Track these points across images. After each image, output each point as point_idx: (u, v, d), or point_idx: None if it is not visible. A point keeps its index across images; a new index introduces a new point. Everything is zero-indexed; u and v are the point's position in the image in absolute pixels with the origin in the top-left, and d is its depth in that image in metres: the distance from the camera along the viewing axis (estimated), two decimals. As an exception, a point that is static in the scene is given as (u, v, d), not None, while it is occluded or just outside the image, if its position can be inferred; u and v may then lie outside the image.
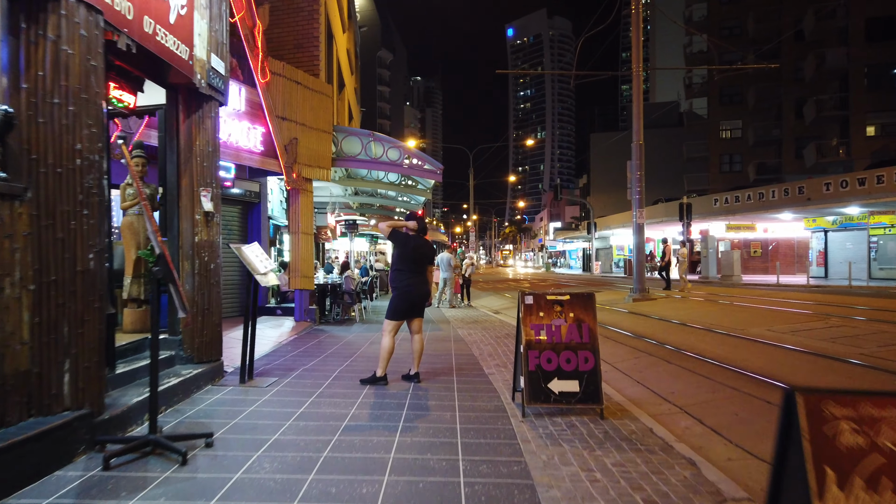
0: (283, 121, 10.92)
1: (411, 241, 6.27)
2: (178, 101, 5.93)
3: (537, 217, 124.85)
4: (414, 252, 6.25)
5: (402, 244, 6.25)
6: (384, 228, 6.31)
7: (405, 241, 6.26)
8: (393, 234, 6.26)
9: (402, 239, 6.26)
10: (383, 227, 6.32)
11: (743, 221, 35.12)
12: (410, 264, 6.24)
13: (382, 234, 6.42)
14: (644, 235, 17.71)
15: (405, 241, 6.26)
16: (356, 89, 26.33)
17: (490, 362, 7.69)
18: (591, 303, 5.37)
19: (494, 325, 12.28)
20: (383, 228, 6.31)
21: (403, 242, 6.25)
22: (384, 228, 6.31)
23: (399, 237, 6.26)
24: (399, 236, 6.27)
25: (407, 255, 6.23)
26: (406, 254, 6.23)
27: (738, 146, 48.96)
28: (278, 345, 9.01)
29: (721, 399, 5.97)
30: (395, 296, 6.23)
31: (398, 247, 6.29)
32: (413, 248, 6.25)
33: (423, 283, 6.33)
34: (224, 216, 11.79)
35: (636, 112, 17.37)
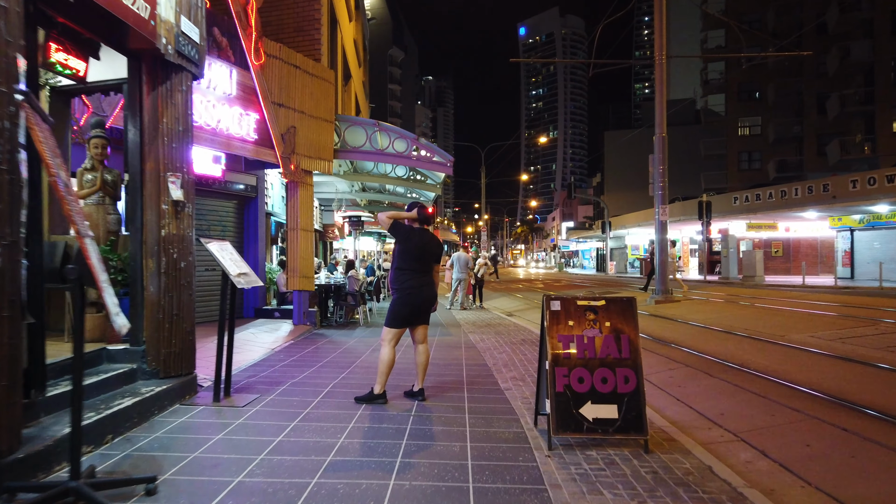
0: (279, 107, 10.06)
1: (415, 236, 5.37)
2: (140, 72, 5.06)
3: (549, 217, 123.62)
4: (418, 249, 5.35)
5: (405, 239, 5.36)
6: (384, 220, 5.42)
7: (408, 236, 5.36)
8: (394, 226, 5.36)
9: (405, 233, 5.37)
10: (383, 218, 5.43)
11: (764, 220, 33.96)
12: (414, 263, 5.34)
13: (383, 227, 5.52)
14: (667, 233, 16.70)
15: (408, 235, 5.36)
16: (364, 83, 25.49)
17: (506, 374, 6.77)
18: (631, 309, 4.44)
19: (508, 329, 11.35)
20: (383, 220, 5.42)
21: (406, 237, 5.36)
22: (384, 220, 5.42)
23: (401, 231, 5.36)
24: (401, 230, 5.37)
25: (410, 251, 5.33)
26: (409, 250, 5.34)
27: (758, 143, 47.64)
28: (271, 352, 8.14)
29: (783, 424, 5.01)
30: (396, 299, 5.33)
31: (400, 242, 5.39)
32: (417, 245, 5.35)
33: (429, 284, 5.43)
34: (217, 211, 10.96)
35: (659, 102, 16.37)
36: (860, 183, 25.47)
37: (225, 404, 5.09)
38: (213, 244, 5.21)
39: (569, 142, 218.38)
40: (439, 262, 5.65)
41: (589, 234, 59.89)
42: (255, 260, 11.84)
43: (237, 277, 5.13)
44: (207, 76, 8.56)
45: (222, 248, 5.27)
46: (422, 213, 5.48)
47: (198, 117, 8.41)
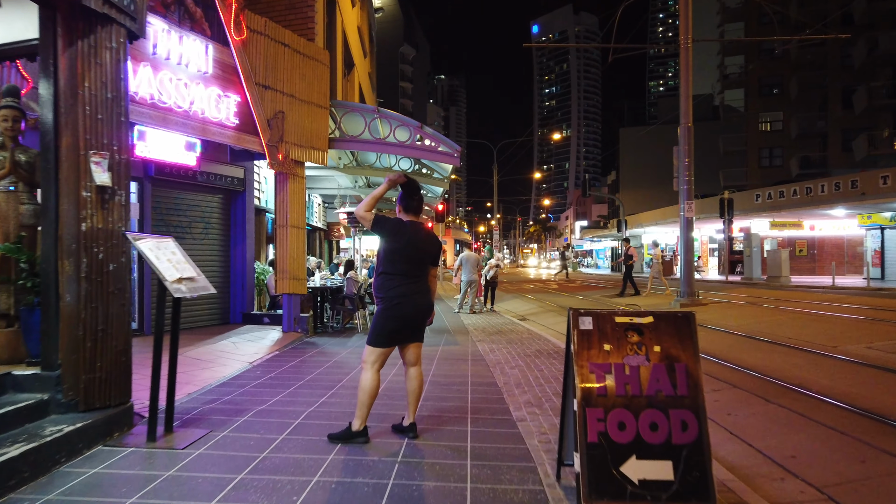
0: (265, 90, 8.99)
1: (406, 231, 4.25)
2: (55, 23, 3.99)
3: (562, 216, 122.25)
4: (410, 247, 4.23)
5: (392, 234, 4.23)
6: (362, 213, 4.27)
7: (396, 231, 4.23)
8: (379, 220, 4.24)
9: (393, 228, 4.24)
10: (361, 213, 4.29)
11: (789, 218, 32.56)
12: (404, 265, 4.22)
13: (363, 223, 4.39)
14: (693, 231, 15.49)
15: (396, 230, 4.24)
16: (370, 75, 24.42)
17: (519, 397, 5.64)
18: (688, 328, 3.31)
19: (522, 336, 10.22)
20: (361, 214, 4.28)
21: (394, 233, 4.23)
22: (362, 213, 4.27)
23: (387, 225, 4.24)
24: (387, 224, 4.25)
25: (399, 251, 4.21)
26: (398, 250, 4.21)
27: (779, 139, 46.08)
28: (248, 366, 7.07)
29: (884, 476, 3.86)
30: (382, 311, 4.23)
31: (386, 239, 4.27)
32: (409, 242, 4.24)
33: (423, 292, 4.32)
34: (199, 207, 9.94)
35: (684, 90, 15.15)
36: (892, 178, 24.08)
37: (161, 445, 4.00)
38: (145, 241, 4.13)
39: (582, 140, 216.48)
40: (437, 264, 4.54)
41: (604, 233, 58.54)
42: (242, 260, 10.80)
43: (176, 284, 4.04)
44: (178, 51, 7.52)
45: (159, 247, 4.19)
46: (408, 196, 4.36)
47: (167, 97, 7.37)
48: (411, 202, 4.35)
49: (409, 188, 4.35)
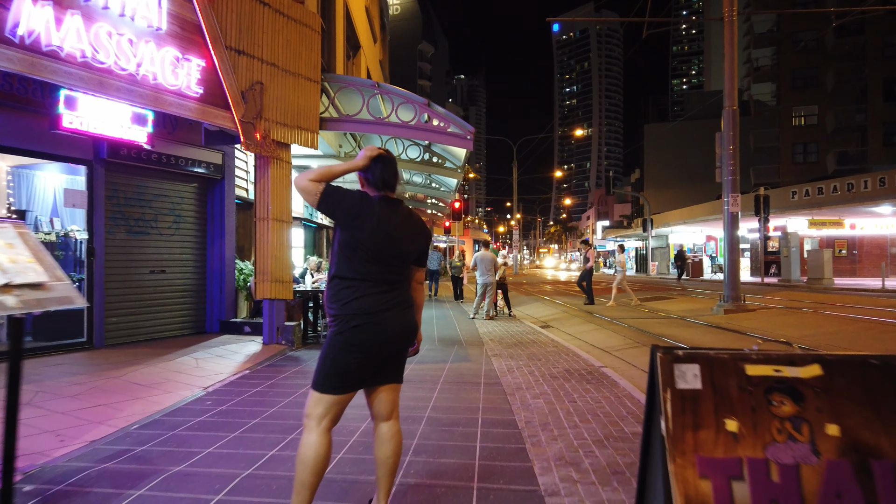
0: (238, 55, 7.51)
1: (373, 212, 2.68)
2: None
3: (583, 216, 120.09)
4: (379, 237, 2.67)
5: (351, 216, 2.66)
6: (303, 182, 2.67)
7: (358, 211, 2.66)
8: (330, 193, 2.67)
9: (352, 205, 2.66)
10: (303, 180, 2.67)
11: (829, 216, 30.53)
12: (370, 265, 2.67)
13: (307, 199, 2.76)
14: (738, 227, 13.77)
15: (358, 209, 2.66)
16: (381, 63, 22.92)
17: (547, 448, 4.06)
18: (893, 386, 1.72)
19: (545, 349, 8.62)
20: (303, 182, 2.67)
21: (354, 212, 2.65)
22: (303, 182, 2.67)
23: (344, 201, 2.66)
24: (345, 200, 2.66)
25: (362, 242, 2.65)
26: (360, 240, 2.65)
27: (814, 134, 43.86)
28: (203, 392, 5.58)
29: None
30: (334, 337, 2.66)
31: (343, 223, 2.69)
32: (378, 229, 2.67)
33: (401, 307, 2.76)
34: (167, 196, 8.52)
35: (729, 69, 13.42)
36: (945, 173, 22.16)
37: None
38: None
39: (603, 139, 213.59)
40: (424, 265, 2.99)
41: (628, 233, 56.52)
42: (220, 259, 9.33)
43: (4, 296, 2.53)
44: (120, 1, 6.05)
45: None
46: (384, 164, 2.80)
47: (105, 56, 5.91)
48: (384, 173, 2.78)
49: (382, 159, 2.81)
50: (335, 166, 2.75)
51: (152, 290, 8.39)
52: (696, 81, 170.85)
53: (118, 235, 7.95)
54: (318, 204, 2.66)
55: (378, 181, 2.76)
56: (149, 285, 8.35)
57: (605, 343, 9.81)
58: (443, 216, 28.10)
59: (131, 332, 8.10)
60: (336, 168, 2.75)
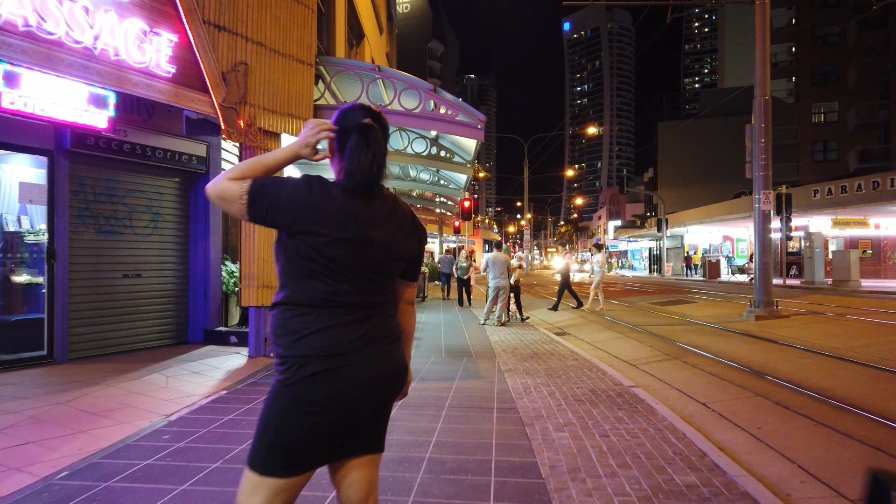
0: (219, 31, 6.63)
1: (333, 208, 1.74)
2: None
3: (594, 216, 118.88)
4: (344, 243, 1.74)
5: (298, 220, 1.72)
6: (217, 187, 1.73)
7: (305, 211, 1.72)
8: (257, 194, 1.72)
9: (296, 203, 1.72)
10: (217, 184, 1.74)
11: (853, 216, 29.37)
12: (331, 284, 1.74)
13: (223, 206, 1.78)
14: (770, 225, 12.78)
15: (304, 207, 1.72)
16: (388, 56, 22.02)
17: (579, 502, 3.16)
18: None
19: (565, 362, 7.69)
20: (216, 187, 1.73)
21: (300, 216, 1.72)
22: (217, 187, 1.73)
23: (284, 200, 1.72)
24: (285, 197, 1.72)
25: (316, 255, 1.72)
26: (313, 253, 1.72)
27: (835, 131, 42.59)
28: (164, 422, 4.69)
29: None
30: (279, 389, 1.76)
31: (289, 233, 1.75)
32: (340, 232, 1.73)
33: (384, 342, 1.83)
34: (144, 192, 7.65)
35: (760, 55, 12.41)
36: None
37: None
38: None
39: (615, 138, 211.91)
40: (416, 278, 2.07)
41: (641, 233, 55.30)
42: (205, 261, 8.46)
43: None
44: (73, -40, 5.18)
45: None
46: (361, 141, 1.82)
47: (53, 26, 5.05)
48: (362, 154, 1.80)
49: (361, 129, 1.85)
50: (268, 155, 1.84)
51: (126, 297, 7.51)
52: (709, 80, 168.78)
53: (85, 235, 7.08)
54: (247, 212, 1.73)
55: (354, 167, 1.80)
56: (122, 291, 7.48)
57: (631, 355, 8.86)
58: (452, 215, 27.17)
59: (101, 344, 7.23)
60: (269, 158, 1.83)
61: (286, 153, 1.86)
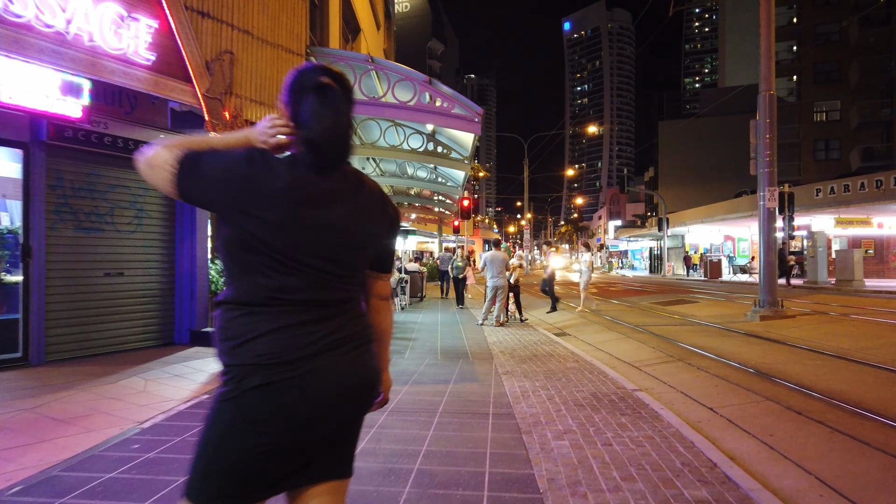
0: (203, 17, 6.34)
1: (279, 185, 1.43)
2: None
3: (595, 216, 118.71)
4: (295, 229, 1.44)
5: (236, 200, 1.42)
6: (151, 155, 1.43)
7: (244, 190, 1.42)
8: (188, 167, 1.42)
9: (234, 179, 1.42)
10: (149, 155, 1.44)
11: (856, 214, 29.07)
12: (280, 278, 1.44)
13: (149, 176, 1.46)
14: (775, 224, 12.47)
15: (244, 184, 1.42)
16: (385, 52, 21.70)
17: (581, 529, 2.86)
18: None
19: (565, 364, 7.39)
20: (148, 156, 1.43)
21: (238, 196, 1.42)
22: (151, 155, 1.43)
23: (220, 175, 1.43)
24: (220, 172, 1.43)
25: (259, 243, 1.43)
26: (256, 241, 1.43)
27: (837, 130, 42.30)
28: (137, 429, 4.39)
29: None
30: (219, 404, 1.46)
31: (226, 216, 1.45)
32: (289, 216, 1.43)
33: (348, 346, 1.53)
34: (127, 187, 7.36)
35: (765, 48, 12.11)
36: None
37: None
38: None
39: (615, 138, 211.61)
40: (388, 269, 1.78)
41: (642, 233, 55.00)
42: (191, 259, 8.15)
43: None
44: (43, -61, 4.88)
45: None
46: (318, 102, 1.49)
47: (21, 7, 4.75)
48: (320, 116, 1.48)
49: (320, 88, 1.52)
50: (218, 138, 1.56)
51: (107, 297, 7.21)
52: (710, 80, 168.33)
53: (64, 232, 6.77)
54: (175, 183, 1.43)
55: (312, 135, 1.48)
56: (103, 290, 7.17)
57: (633, 356, 8.56)
58: (451, 214, 26.86)
59: (80, 346, 6.92)
60: (217, 141, 1.55)
61: (239, 139, 1.57)
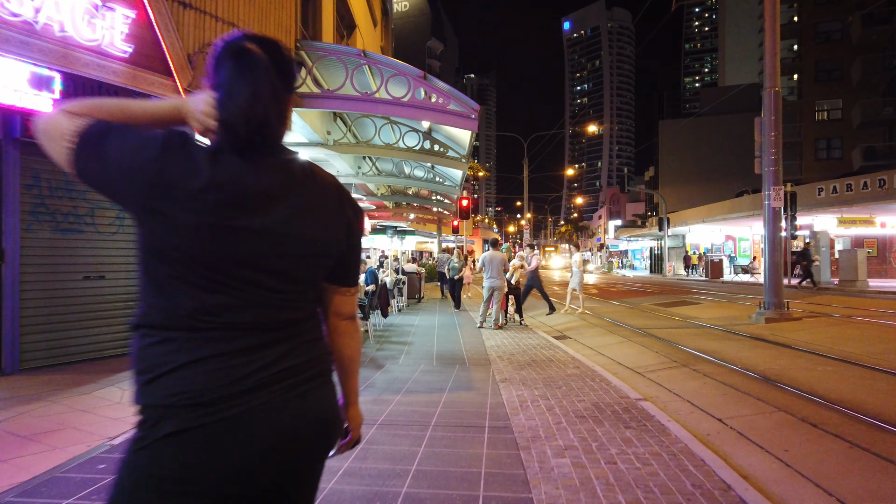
0: (184, 8, 6.04)
1: (198, 178, 1.12)
2: None
3: (595, 215, 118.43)
4: (220, 232, 1.14)
5: (145, 195, 1.12)
6: (52, 118, 1.15)
7: (154, 183, 1.11)
8: (90, 140, 1.12)
9: (142, 166, 1.11)
10: (49, 117, 1.15)
11: (859, 214, 28.76)
12: (203, 296, 1.15)
13: (49, 151, 1.16)
14: (780, 223, 12.16)
15: (152, 174, 1.11)
16: (383, 49, 21.40)
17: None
18: None
19: (566, 370, 7.09)
20: (49, 120, 1.15)
21: (149, 189, 1.12)
22: (52, 118, 1.15)
23: (126, 157, 1.12)
24: (128, 154, 1.12)
25: (173, 250, 1.14)
26: (169, 248, 1.14)
27: (838, 129, 41.94)
28: (108, 444, 4.08)
29: None
30: (130, 455, 1.14)
31: (136, 213, 1.15)
32: (212, 215, 1.13)
33: (296, 378, 1.23)
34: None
35: (771, 43, 11.79)
36: None
37: None
38: None
39: (615, 138, 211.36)
40: (353, 282, 1.45)
41: (642, 233, 54.70)
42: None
43: None
44: (9, -79, 4.57)
45: None
46: (237, 72, 1.19)
47: (-17, -6, 4.42)
48: (240, 90, 1.18)
49: (243, 53, 1.21)
50: (138, 103, 1.25)
51: (87, 301, 6.89)
52: (709, 79, 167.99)
53: (40, 234, 6.46)
54: (72, 161, 1.14)
55: (228, 113, 1.18)
56: (82, 295, 6.85)
57: (635, 361, 8.25)
58: (449, 214, 26.56)
59: (57, 353, 6.60)
60: (136, 107, 1.24)
61: (166, 110, 1.26)
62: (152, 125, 1.22)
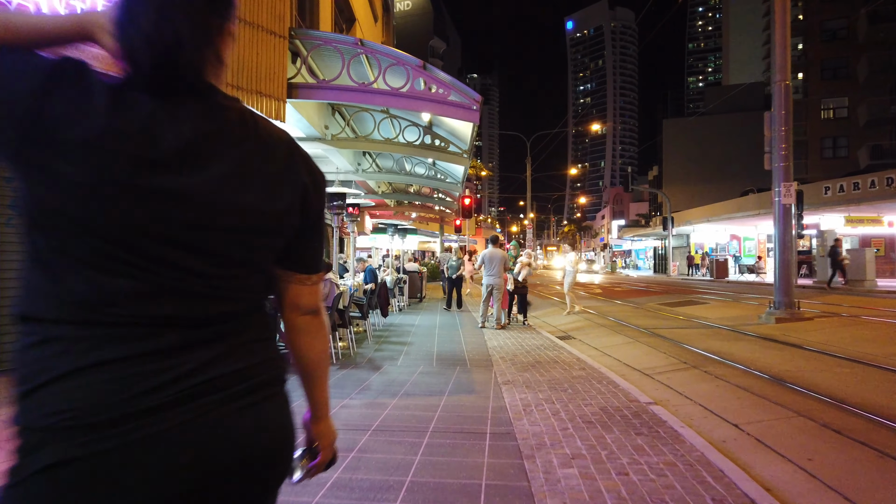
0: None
1: (90, 123, 0.83)
2: None
3: (598, 215, 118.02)
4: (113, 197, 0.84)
5: (28, 140, 0.83)
6: None
7: (32, 106, 0.82)
8: None
9: (24, 91, 0.83)
10: None
11: (866, 213, 28.42)
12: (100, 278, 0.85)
13: None
14: (792, 221, 11.84)
15: (35, 98, 0.83)
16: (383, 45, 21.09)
17: None
18: None
19: (571, 372, 6.78)
20: None
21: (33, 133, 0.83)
22: None
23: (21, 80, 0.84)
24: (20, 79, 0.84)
25: (56, 216, 0.84)
26: (50, 212, 0.84)
27: (844, 127, 41.55)
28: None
29: None
30: (5, 491, 0.86)
31: (15, 166, 0.85)
32: (103, 164, 0.83)
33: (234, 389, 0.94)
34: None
35: (780, 36, 11.46)
36: None
37: None
38: None
39: (618, 137, 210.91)
40: (317, 267, 1.15)
41: (646, 232, 54.34)
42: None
43: None
44: None
45: None
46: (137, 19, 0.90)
47: (-49, -30, 4.13)
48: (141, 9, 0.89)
49: None
50: (23, 15, 0.94)
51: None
52: (713, 79, 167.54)
53: (21, 228, 6.19)
54: None
55: (127, 36, 0.90)
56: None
57: (643, 363, 7.95)
58: (452, 213, 26.24)
59: None
60: (20, 18, 0.92)
61: (66, 26, 0.96)
62: (43, 45, 0.92)
